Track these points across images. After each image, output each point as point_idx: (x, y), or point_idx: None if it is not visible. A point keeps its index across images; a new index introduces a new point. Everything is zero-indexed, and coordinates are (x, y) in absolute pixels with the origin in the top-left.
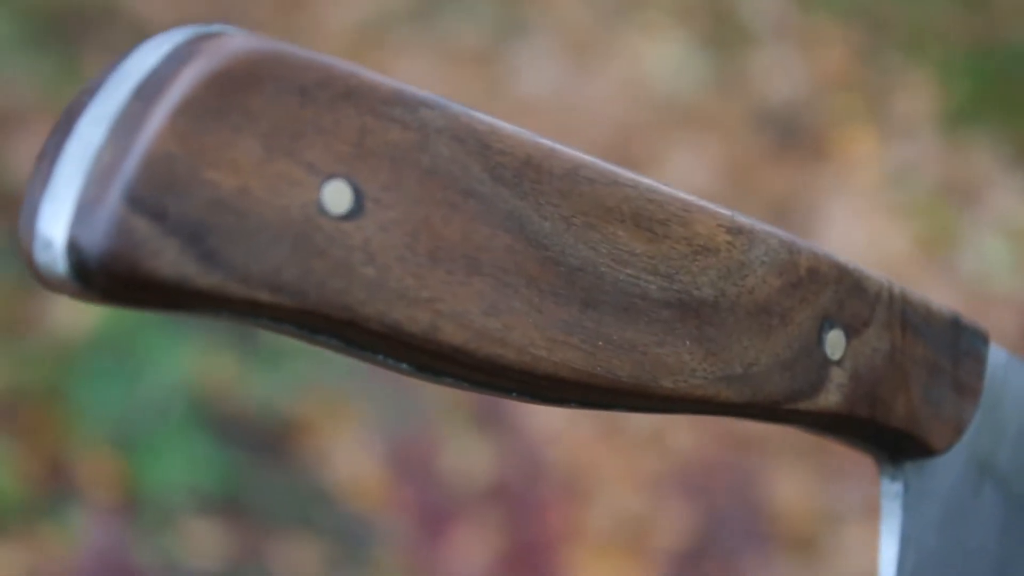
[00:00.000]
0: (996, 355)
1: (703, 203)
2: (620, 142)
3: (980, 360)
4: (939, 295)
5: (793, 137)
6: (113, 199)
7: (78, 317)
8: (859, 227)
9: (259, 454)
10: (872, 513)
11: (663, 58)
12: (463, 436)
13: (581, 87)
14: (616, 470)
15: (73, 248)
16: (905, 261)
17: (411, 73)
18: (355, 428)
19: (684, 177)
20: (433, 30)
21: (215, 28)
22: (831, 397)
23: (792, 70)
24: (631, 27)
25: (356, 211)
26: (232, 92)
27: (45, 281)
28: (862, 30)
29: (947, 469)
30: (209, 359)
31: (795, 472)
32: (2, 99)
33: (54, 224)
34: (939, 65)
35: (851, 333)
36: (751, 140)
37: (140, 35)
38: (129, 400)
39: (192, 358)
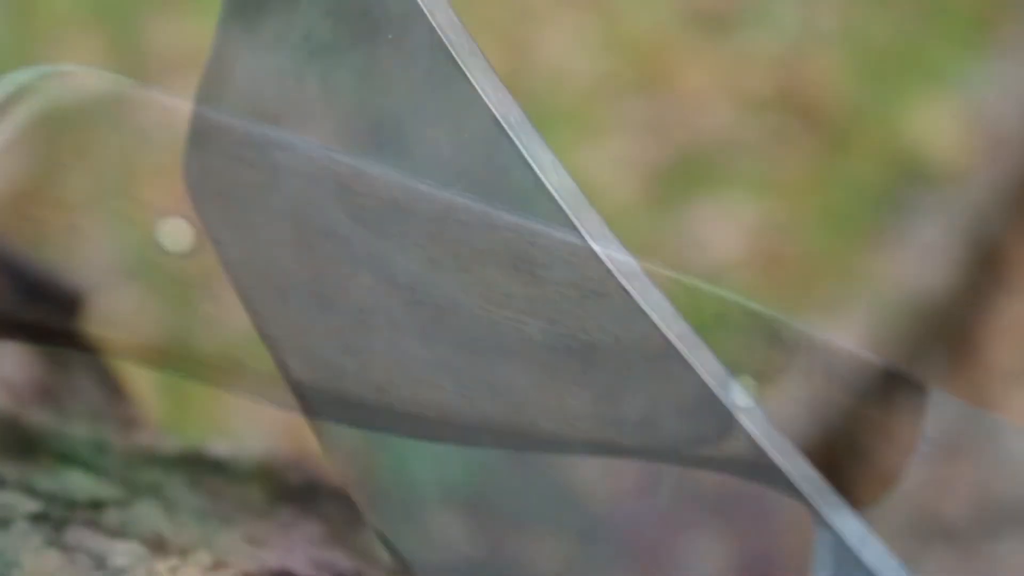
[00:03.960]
0: (947, 406)
1: (597, 248)
2: None
3: (918, 412)
4: None
5: None
6: None
7: None
8: None
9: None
10: None
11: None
12: None
13: None
14: None
15: None
16: None
17: (702, 79)
18: None
19: None
20: (730, 36)
21: (63, 68)
22: (738, 444)
23: None
24: (934, 40)
25: (196, 250)
26: (62, 132)
27: None
28: None
29: (884, 522)
30: None
31: None
32: None
33: None
34: None
35: (764, 381)
36: None
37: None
38: None
39: None
